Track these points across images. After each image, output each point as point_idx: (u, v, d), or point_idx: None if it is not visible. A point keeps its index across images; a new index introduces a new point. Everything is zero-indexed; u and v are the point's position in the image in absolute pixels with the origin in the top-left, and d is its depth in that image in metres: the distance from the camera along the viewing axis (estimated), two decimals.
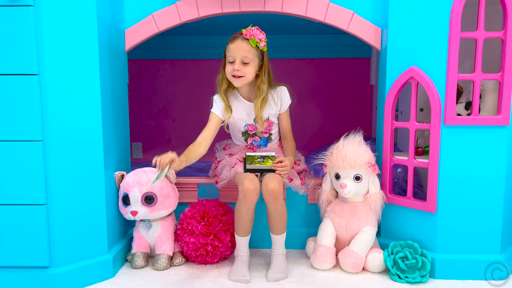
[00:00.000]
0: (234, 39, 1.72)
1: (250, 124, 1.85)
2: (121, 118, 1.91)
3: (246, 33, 1.69)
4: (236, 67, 1.70)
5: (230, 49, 1.71)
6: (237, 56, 1.70)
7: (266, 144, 1.91)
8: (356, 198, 1.79)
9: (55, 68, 1.52)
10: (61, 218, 1.58)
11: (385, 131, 1.80)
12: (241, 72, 1.71)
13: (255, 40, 1.69)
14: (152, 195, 1.77)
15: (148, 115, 3.23)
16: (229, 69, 1.73)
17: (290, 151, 1.85)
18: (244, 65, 1.71)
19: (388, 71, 1.76)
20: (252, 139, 1.88)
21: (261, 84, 1.77)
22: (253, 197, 1.65)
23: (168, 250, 1.80)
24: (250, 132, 1.87)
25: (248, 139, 1.89)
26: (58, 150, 1.55)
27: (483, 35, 1.58)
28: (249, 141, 1.89)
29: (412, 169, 1.74)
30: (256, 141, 1.89)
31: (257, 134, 1.87)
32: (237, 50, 1.69)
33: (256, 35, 1.69)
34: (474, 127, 1.62)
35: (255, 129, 1.85)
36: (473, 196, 1.66)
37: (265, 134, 1.88)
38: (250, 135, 1.88)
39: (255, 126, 1.85)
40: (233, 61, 1.71)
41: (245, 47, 1.69)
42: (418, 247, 1.68)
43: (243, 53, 1.69)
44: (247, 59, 1.70)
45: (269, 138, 1.90)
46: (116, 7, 1.83)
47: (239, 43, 1.69)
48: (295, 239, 1.96)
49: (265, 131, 1.87)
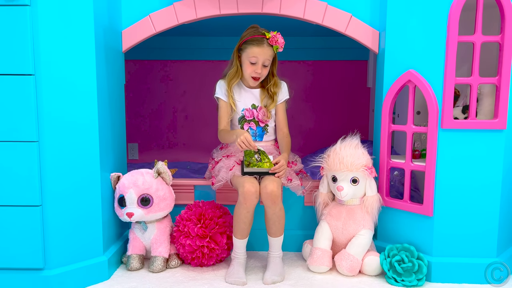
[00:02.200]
0: (260, 43, 1.75)
1: (248, 108, 1.87)
2: (117, 119, 1.90)
3: (272, 39, 1.75)
4: (259, 70, 1.79)
5: (255, 52, 1.76)
6: (261, 59, 1.77)
7: (262, 135, 1.91)
8: (353, 201, 1.79)
9: (51, 69, 1.51)
10: (56, 219, 1.56)
11: (382, 134, 1.80)
12: (261, 74, 1.81)
13: (277, 46, 1.77)
14: (148, 197, 1.76)
15: (144, 116, 3.22)
16: (250, 70, 1.80)
17: (285, 147, 1.86)
18: (264, 68, 1.80)
19: (386, 74, 1.76)
20: (248, 125, 1.89)
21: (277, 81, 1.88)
22: (253, 200, 1.65)
23: (164, 252, 1.79)
24: (246, 117, 1.88)
25: (244, 125, 1.89)
26: (53, 151, 1.54)
27: (480, 39, 1.59)
28: (245, 128, 1.89)
29: (409, 172, 1.74)
30: (251, 129, 1.89)
31: (253, 121, 1.88)
32: (263, 55, 1.76)
33: (281, 43, 1.77)
34: (471, 131, 1.63)
35: (252, 115, 1.87)
36: (469, 200, 1.66)
37: (261, 123, 1.89)
38: (246, 120, 1.88)
39: (252, 111, 1.87)
40: (255, 62, 1.78)
41: (269, 52, 1.78)
42: (414, 251, 1.68)
43: (267, 57, 1.78)
44: (268, 62, 1.80)
45: (265, 129, 1.90)
46: (113, 7, 1.82)
47: (265, 48, 1.76)
48: (292, 242, 1.96)
49: (262, 120, 1.88)
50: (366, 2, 1.87)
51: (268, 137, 1.93)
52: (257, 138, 1.91)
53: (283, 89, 1.90)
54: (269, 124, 1.91)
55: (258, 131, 1.90)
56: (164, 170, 1.81)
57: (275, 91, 1.87)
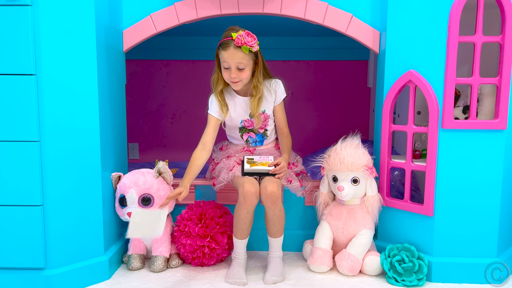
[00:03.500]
0: (226, 46, 1.67)
1: (246, 119, 1.86)
2: (118, 119, 1.90)
3: (237, 41, 1.64)
4: (233, 75, 1.70)
5: (224, 57, 1.68)
6: (232, 63, 1.68)
7: (262, 141, 1.91)
8: (354, 201, 1.79)
9: (52, 68, 1.51)
10: (57, 219, 1.57)
11: (382, 134, 1.80)
12: (237, 78, 1.71)
13: (247, 47, 1.66)
14: (149, 197, 1.76)
15: (145, 116, 3.22)
16: (225, 75, 1.74)
17: (285, 147, 1.84)
18: (240, 71, 1.71)
19: (386, 74, 1.76)
20: (248, 135, 1.88)
21: (258, 84, 1.77)
22: (253, 200, 1.65)
23: (165, 252, 1.79)
24: (247, 127, 1.87)
25: (243, 135, 1.88)
26: (54, 151, 1.54)
27: (481, 40, 1.59)
28: (245, 137, 1.89)
29: (410, 173, 1.74)
30: (251, 137, 1.89)
31: (253, 130, 1.87)
32: (231, 58, 1.67)
33: (247, 42, 1.65)
34: (471, 131, 1.63)
35: (252, 125, 1.85)
36: (470, 200, 1.66)
37: (260, 130, 1.88)
38: (246, 130, 1.88)
39: (251, 121, 1.85)
40: (228, 67, 1.70)
41: (239, 54, 1.67)
42: (415, 250, 1.68)
43: (238, 60, 1.68)
44: (242, 65, 1.69)
45: (264, 134, 1.90)
46: (114, 7, 1.82)
47: (232, 51, 1.66)
48: (292, 242, 1.96)
49: (260, 127, 1.87)
50: (366, 2, 1.88)
51: (268, 140, 1.93)
52: (257, 144, 1.91)
53: (279, 88, 1.84)
54: (268, 128, 1.90)
55: (258, 137, 1.90)
56: (165, 170, 1.81)
57: (255, 93, 1.77)
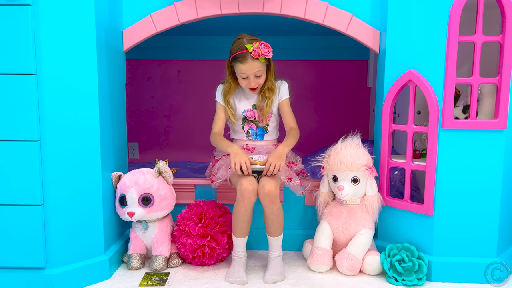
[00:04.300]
0: (243, 59, 1.73)
1: (249, 109, 1.87)
2: (118, 118, 1.90)
3: (254, 54, 1.72)
4: (253, 83, 1.79)
5: (242, 69, 1.76)
6: (250, 74, 1.77)
7: (263, 135, 1.91)
8: (354, 200, 1.79)
9: (52, 68, 1.51)
10: (58, 218, 1.57)
11: (383, 134, 1.80)
12: (256, 84, 1.80)
13: (263, 58, 1.75)
14: (149, 196, 1.76)
15: (145, 115, 3.22)
16: (244, 83, 1.81)
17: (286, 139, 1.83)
18: (257, 78, 1.79)
19: (386, 74, 1.77)
20: (249, 126, 1.90)
21: (272, 86, 1.85)
22: (251, 198, 1.65)
23: (165, 251, 1.79)
24: (248, 118, 1.89)
25: (245, 126, 1.90)
26: (55, 151, 1.54)
27: (481, 39, 1.59)
28: (246, 128, 1.90)
29: (410, 172, 1.75)
30: (252, 129, 1.90)
31: (254, 122, 1.89)
32: (250, 70, 1.75)
33: (265, 53, 1.74)
34: (471, 131, 1.63)
35: (254, 115, 1.88)
36: (470, 199, 1.66)
37: (261, 123, 1.89)
38: (247, 121, 1.89)
39: (253, 112, 1.88)
40: (246, 77, 1.79)
41: (257, 65, 1.75)
42: (415, 250, 1.68)
43: (256, 70, 1.76)
44: (259, 73, 1.78)
45: (265, 129, 1.91)
46: (114, 7, 1.82)
47: (250, 63, 1.74)
48: (292, 241, 1.97)
49: (262, 120, 1.89)
50: (367, 2, 1.88)
51: (269, 136, 1.93)
52: (257, 138, 1.91)
53: (283, 87, 1.88)
54: (269, 124, 1.91)
55: (259, 131, 1.91)
56: (165, 169, 1.81)
57: (269, 95, 1.85)
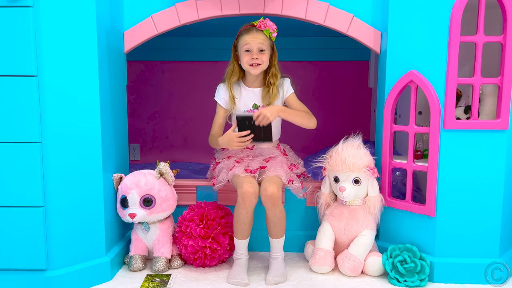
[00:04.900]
0: (248, 30, 1.78)
1: (249, 109, 1.87)
2: (119, 120, 1.90)
3: (260, 24, 1.77)
4: (255, 56, 1.77)
5: (246, 40, 1.77)
6: (254, 45, 1.77)
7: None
8: (355, 201, 1.79)
9: (53, 70, 1.51)
10: (59, 220, 1.57)
11: (384, 134, 1.80)
12: (259, 59, 1.78)
13: (269, 30, 1.77)
14: (151, 198, 1.76)
15: (146, 117, 3.22)
16: (246, 58, 1.79)
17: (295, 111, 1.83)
18: (261, 53, 1.78)
19: (388, 74, 1.76)
20: None
21: (276, 72, 1.85)
22: (252, 200, 1.65)
23: (166, 252, 1.79)
24: None
25: None
26: (56, 152, 1.54)
27: (482, 39, 1.59)
28: None
29: (411, 173, 1.74)
30: None
31: None
32: (254, 40, 1.76)
33: (270, 26, 1.77)
34: (473, 131, 1.63)
35: None
36: (472, 200, 1.66)
37: None
38: None
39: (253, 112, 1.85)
40: (249, 50, 1.77)
41: (261, 37, 1.77)
42: (417, 251, 1.68)
43: (260, 41, 1.77)
44: (264, 46, 1.78)
45: None
46: (115, 8, 1.82)
47: (254, 33, 1.77)
48: (294, 242, 1.96)
49: None
50: (368, 2, 1.87)
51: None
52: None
53: (285, 84, 1.87)
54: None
55: None
56: (166, 170, 1.81)
57: (273, 81, 1.84)
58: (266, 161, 1.80)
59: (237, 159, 1.83)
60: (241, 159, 1.82)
